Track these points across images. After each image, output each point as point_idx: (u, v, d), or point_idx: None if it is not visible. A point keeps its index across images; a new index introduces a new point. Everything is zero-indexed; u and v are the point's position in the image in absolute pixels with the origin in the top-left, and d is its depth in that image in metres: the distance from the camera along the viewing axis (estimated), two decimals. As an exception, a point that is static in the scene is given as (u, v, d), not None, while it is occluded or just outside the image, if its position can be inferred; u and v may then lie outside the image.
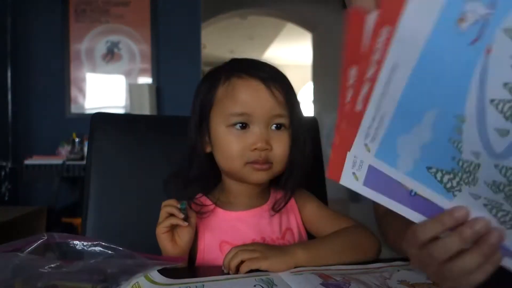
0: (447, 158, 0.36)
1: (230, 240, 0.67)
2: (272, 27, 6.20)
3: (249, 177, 0.66)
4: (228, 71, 0.68)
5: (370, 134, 0.40)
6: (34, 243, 0.48)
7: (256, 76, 0.66)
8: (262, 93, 0.65)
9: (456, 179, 0.36)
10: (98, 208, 0.80)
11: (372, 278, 0.55)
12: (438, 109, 0.34)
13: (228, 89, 0.66)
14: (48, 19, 2.96)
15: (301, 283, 0.52)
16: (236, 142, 0.65)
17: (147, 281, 0.52)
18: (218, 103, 0.67)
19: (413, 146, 0.37)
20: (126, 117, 1.30)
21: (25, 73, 2.93)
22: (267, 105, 0.65)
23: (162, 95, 3.06)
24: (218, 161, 0.68)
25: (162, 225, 0.60)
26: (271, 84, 0.66)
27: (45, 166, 2.53)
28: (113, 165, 0.83)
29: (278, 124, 0.66)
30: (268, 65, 0.70)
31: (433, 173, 0.37)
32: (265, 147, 0.64)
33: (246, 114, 0.64)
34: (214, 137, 0.67)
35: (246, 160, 0.65)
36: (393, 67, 0.34)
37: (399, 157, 0.39)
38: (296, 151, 0.68)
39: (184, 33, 3.10)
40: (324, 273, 0.56)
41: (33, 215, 2.38)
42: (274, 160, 0.66)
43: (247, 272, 0.57)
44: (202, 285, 0.51)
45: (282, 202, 0.70)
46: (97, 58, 3.02)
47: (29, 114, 2.94)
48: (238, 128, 0.65)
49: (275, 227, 0.71)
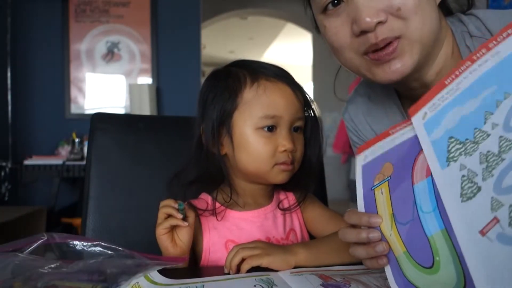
0: (470, 128, 0.40)
1: (236, 239, 0.67)
2: (272, 27, 6.20)
3: (275, 177, 0.67)
4: (251, 73, 0.68)
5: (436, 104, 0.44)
6: (34, 243, 0.48)
7: (282, 78, 0.68)
8: (290, 96, 0.67)
9: (462, 149, 0.40)
10: (98, 208, 0.80)
11: (372, 279, 0.55)
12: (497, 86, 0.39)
13: (258, 91, 0.66)
14: (48, 19, 2.96)
15: (301, 284, 0.52)
16: (266, 144, 0.65)
17: (147, 281, 0.52)
18: (245, 105, 0.66)
19: (455, 116, 0.41)
20: (126, 117, 1.30)
21: (25, 73, 2.93)
22: (293, 108, 0.67)
23: (162, 95, 3.06)
24: (241, 162, 0.67)
25: (162, 227, 0.60)
26: (295, 87, 0.68)
27: (45, 166, 2.53)
28: (113, 165, 0.83)
29: (297, 126, 0.69)
30: (279, 66, 0.71)
31: (450, 142, 0.42)
32: (293, 148, 0.66)
33: (277, 117, 0.65)
34: (239, 139, 0.66)
35: (275, 161, 0.66)
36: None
37: (438, 127, 0.43)
38: (312, 151, 0.71)
39: (184, 33, 3.10)
40: (324, 273, 0.56)
41: (33, 215, 2.38)
42: (296, 160, 0.68)
43: (248, 271, 0.57)
44: (202, 285, 0.51)
45: (299, 200, 0.73)
46: (97, 58, 3.02)
47: (29, 114, 2.94)
48: (266, 130, 0.65)
49: (279, 227, 0.71)
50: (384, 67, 0.57)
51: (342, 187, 4.38)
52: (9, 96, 2.82)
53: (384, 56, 0.56)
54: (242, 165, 0.68)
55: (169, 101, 3.06)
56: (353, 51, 0.59)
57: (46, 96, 2.96)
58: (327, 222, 0.74)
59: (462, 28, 0.63)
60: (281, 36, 6.76)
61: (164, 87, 3.07)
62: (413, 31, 0.55)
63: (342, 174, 4.39)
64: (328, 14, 0.59)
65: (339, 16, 0.58)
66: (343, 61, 0.62)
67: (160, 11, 3.06)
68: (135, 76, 3.06)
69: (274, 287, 0.51)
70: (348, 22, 0.57)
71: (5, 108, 2.80)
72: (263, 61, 0.72)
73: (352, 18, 0.56)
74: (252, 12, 5.39)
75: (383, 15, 0.54)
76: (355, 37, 0.57)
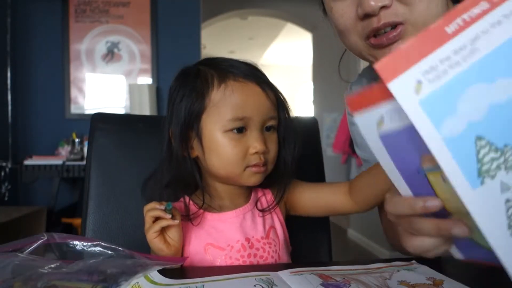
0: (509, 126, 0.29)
1: (214, 242, 0.66)
2: (272, 27, 6.20)
3: (247, 180, 0.65)
4: (219, 73, 0.65)
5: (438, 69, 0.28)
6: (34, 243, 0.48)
7: (251, 78, 0.65)
8: (259, 96, 0.65)
9: (500, 159, 0.29)
10: (98, 208, 0.80)
11: (372, 279, 0.55)
12: None
13: (225, 92, 0.63)
14: (48, 19, 2.96)
15: (301, 283, 0.52)
16: (236, 147, 0.63)
17: (147, 281, 0.52)
18: (213, 108, 0.64)
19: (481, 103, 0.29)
20: (126, 117, 1.30)
21: (25, 73, 2.93)
22: (264, 108, 0.65)
23: (162, 95, 3.06)
24: (212, 165, 0.65)
25: (152, 230, 0.59)
26: (265, 86, 0.66)
27: (45, 166, 2.53)
28: (113, 165, 0.83)
29: (269, 126, 0.66)
30: (251, 64, 0.68)
31: (480, 146, 0.29)
32: (265, 149, 0.64)
33: (246, 118, 0.63)
34: (209, 142, 0.64)
35: (247, 163, 0.64)
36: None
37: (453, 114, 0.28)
38: (286, 150, 0.68)
39: (184, 33, 3.10)
40: (324, 273, 0.56)
41: (33, 216, 2.38)
42: (268, 161, 0.66)
43: (247, 271, 0.57)
44: (202, 285, 0.51)
45: (276, 199, 0.71)
46: (97, 59, 3.02)
47: (29, 114, 2.94)
48: (236, 132, 0.63)
49: (259, 226, 0.70)
50: (385, 50, 0.57)
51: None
52: (9, 96, 2.82)
53: (386, 40, 0.56)
54: (214, 169, 0.66)
55: (169, 101, 3.06)
56: (357, 34, 0.60)
57: (46, 96, 2.96)
58: (316, 191, 0.72)
59: None
60: (281, 36, 6.76)
61: (164, 87, 3.07)
62: (417, 17, 0.55)
63: (342, 174, 4.39)
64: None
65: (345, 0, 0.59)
66: (347, 44, 0.63)
67: (160, 11, 3.06)
68: (135, 76, 3.06)
69: (274, 287, 0.51)
70: (354, 5, 0.57)
71: (5, 108, 2.80)
72: (234, 58, 0.69)
73: (358, 1, 0.56)
74: (252, 12, 5.39)
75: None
76: (359, 20, 0.57)
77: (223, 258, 0.65)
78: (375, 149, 0.36)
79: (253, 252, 0.67)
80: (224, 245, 0.66)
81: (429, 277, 0.57)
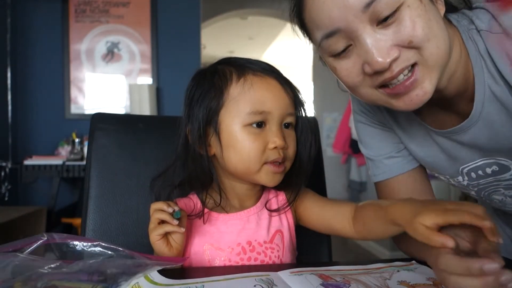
0: None
1: (214, 242, 0.66)
2: (272, 27, 6.20)
3: (265, 179, 0.64)
4: (237, 69, 0.65)
5: None
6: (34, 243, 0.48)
7: (270, 73, 0.65)
8: (278, 91, 0.64)
9: None
10: (98, 208, 0.80)
11: (372, 279, 0.55)
12: None
13: (244, 86, 0.63)
14: (48, 19, 2.96)
15: (301, 284, 0.52)
16: (255, 141, 0.62)
17: (147, 281, 0.52)
18: (232, 102, 0.63)
19: None
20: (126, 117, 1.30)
21: (25, 73, 2.93)
22: (283, 103, 0.64)
23: (162, 95, 3.06)
24: (229, 162, 0.64)
25: (156, 233, 0.58)
26: (284, 82, 0.66)
27: (45, 166, 2.53)
28: (113, 165, 0.83)
29: (288, 123, 0.66)
30: (268, 63, 0.68)
31: None
32: (284, 145, 0.63)
33: (266, 112, 0.63)
34: (227, 137, 0.63)
35: (265, 159, 0.63)
36: None
37: None
38: (303, 149, 0.68)
39: (184, 33, 3.10)
40: (324, 273, 0.56)
41: (33, 216, 2.38)
42: (287, 158, 0.65)
43: (247, 271, 0.57)
44: (202, 285, 0.51)
45: (290, 199, 0.70)
46: (97, 58, 3.02)
47: (29, 114, 2.94)
48: (255, 126, 0.63)
49: (262, 230, 0.68)
50: (404, 98, 0.55)
51: (342, 187, 4.38)
52: (9, 96, 2.82)
53: (403, 89, 0.54)
54: (231, 165, 0.65)
55: (169, 101, 3.06)
56: (367, 86, 0.57)
57: (46, 96, 2.96)
58: (323, 207, 0.70)
59: (469, 25, 0.60)
60: (281, 36, 6.76)
61: (164, 87, 3.07)
62: (428, 57, 0.53)
63: (342, 174, 4.39)
64: (337, 57, 0.57)
65: (349, 58, 0.56)
66: (358, 96, 0.61)
67: (160, 11, 3.06)
68: (135, 76, 3.05)
69: (274, 287, 0.51)
70: (359, 63, 0.55)
71: (5, 108, 2.80)
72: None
73: (364, 60, 0.54)
74: (252, 12, 5.39)
75: (395, 51, 0.52)
76: (368, 76, 0.55)
77: (222, 259, 0.65)
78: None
79: (253, 255, 0.66)
80: (225, 246, 0.65)
81: (429, 277, 0.57)
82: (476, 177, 0.68)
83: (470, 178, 0.69)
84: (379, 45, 0.52)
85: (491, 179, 0.67)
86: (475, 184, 0.69)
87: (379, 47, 0.52)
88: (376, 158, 0.77)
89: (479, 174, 0.67)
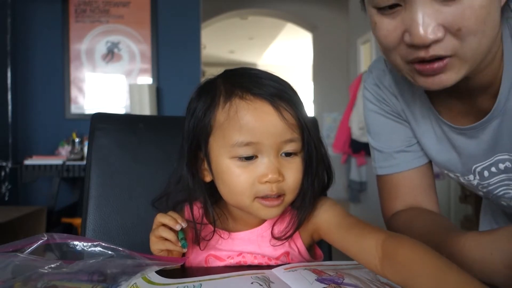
0: None
1: (217, 254, 0.63)
2: (272, 27, 6.21)
3: (259, 213, 0.57)
4: (227, 90, 0.57)
5: None
6: (34, 243, 0.48)
7: (261, 95, 0.55)
8: (270, 117, 0.54)
9: None
10: (98, 208, 0.80)
11: (363, 273, 0.55)
12: None
13: (230, 113, 0.55)
14: (48, 19, 2.96)
15: (297, 280, 0.52)
16: (243, 176, 0.55)
17: (144, 281, 0.52)
18: (218, 130, 0.56)
19: None
20: (126, 117, 1.30)
21: (25, 73, 2.93)
22: (276, 131, 0.54)
23: (162, 95, 3.06)
24: (222, 194, 0.59)
25: (157, 247, 0.57)
26: (279, 103, 0.55)
27: (45, 166, 2.53)
28: (113, 165, 0.83)
29: (288, 152, 0.56)
30: (271, 77, 0.59)
31: None
32: (277, 178, 0.54)
33: (253, 144, 0.54)
34: (216, 169, 0.57)
35: (255, 194, 0.55)
36: None
37: None
38: (310, 177, 0.59)
39: (184, 33, 3.10)
40: (317, 268, 0.56)
41: (33, 215, 2.38)
42: (287, 190, 0.56)
43: (245, 269, 0.57)
44: (199, 284, 0.51)
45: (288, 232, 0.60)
46: (97, 58, 3.03)
47: (29, 114, 2.94)
48: (243, 159, 0.55)
49: (267, 248, 0.62)
50: (427, 78, 0.54)
51: (341, 187, 4.38)
52: (9, 96, 2.82)
53: (430, 70, 0.53)
54: (223, 196, 0.59)
55: (169, 101, 3.07)
56: (399, 55, 0.55)
57: (46, 96, 2.96)
58: (344, 239, 0.57)
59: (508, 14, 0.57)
60: (281, 36, 6.77)
61: (164, 87, 3.07)
62: (466, 51, 0.51)
63: (342, 174, 4.39)
64: (381, 12, 0.54)
65: (393, 19, 0.53)
66: (387, 57, 0.59)
67: (160, 11, 3.06)
68: (135, 76, 3.06)
69: (271, 284, 0.51)
70: (401, 28, 0.52)
71: (5, 108, 2.81)
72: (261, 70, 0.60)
73: (406, 27, 0.51)
74: (252, 12, 5.39)
75: (441, 32, 0.50)
76: (404, 44, 0.53)
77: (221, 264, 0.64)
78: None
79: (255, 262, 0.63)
80: (225, 257, 0.63)
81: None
82: (489, 175, 0.67)
83: (482, 178, 0.68)
84: (428, 20, 0.49)
85: (503, 176, 0.66)
86: (485, 184, 0.69)
87: (427, 22, 0.49)
88: (385, 150, 0.74)
89: (491, 171, 0.66)
